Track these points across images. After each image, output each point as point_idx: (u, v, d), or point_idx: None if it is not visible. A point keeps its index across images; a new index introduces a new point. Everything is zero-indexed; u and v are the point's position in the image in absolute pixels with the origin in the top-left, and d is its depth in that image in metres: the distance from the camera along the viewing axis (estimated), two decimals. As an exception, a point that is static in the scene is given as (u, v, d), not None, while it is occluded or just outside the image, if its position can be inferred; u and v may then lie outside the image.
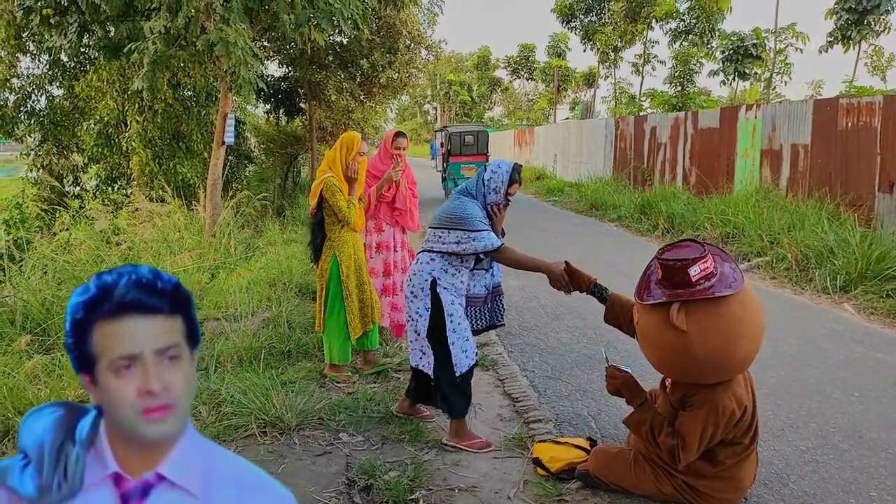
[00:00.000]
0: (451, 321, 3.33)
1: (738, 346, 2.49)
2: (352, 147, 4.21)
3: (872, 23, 23.43)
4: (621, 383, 2.89)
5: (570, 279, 3.19)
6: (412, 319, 3.41)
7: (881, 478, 3.09)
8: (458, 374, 3.31)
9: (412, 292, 3.40)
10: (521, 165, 3.57)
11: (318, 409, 3.73)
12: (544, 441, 3.32)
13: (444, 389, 3.33)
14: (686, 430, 2.61)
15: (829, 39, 24.70)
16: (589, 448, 3.12)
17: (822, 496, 2.94)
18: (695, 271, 2.48)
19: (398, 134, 4.83)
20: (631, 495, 2.88)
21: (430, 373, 3.36)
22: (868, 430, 3.58)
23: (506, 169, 3.42)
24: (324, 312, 4.34)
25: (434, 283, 3.35)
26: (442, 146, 17.66)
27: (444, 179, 16.63)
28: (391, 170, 4.68)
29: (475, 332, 3.56)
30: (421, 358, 3.40)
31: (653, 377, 3.23)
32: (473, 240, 3.25)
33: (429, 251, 3.40)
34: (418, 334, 3.38)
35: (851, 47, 24.25)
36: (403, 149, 4.79)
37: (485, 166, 3.56)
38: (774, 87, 27.17)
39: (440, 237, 3.33)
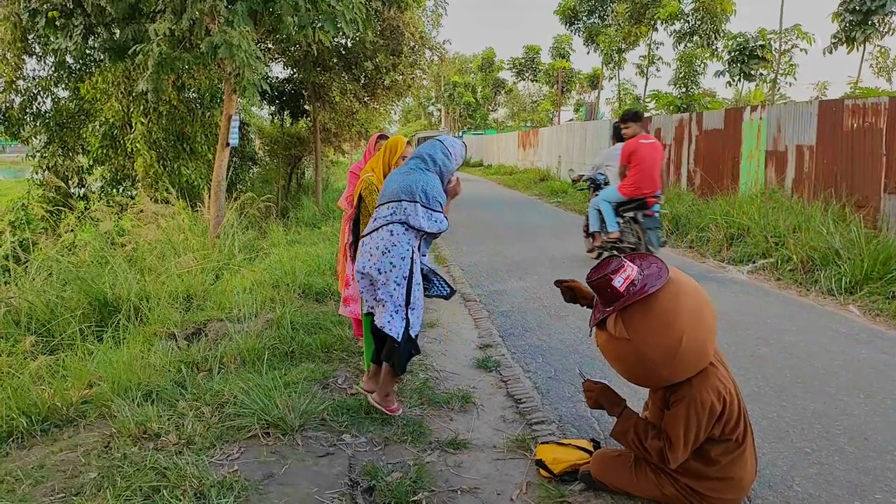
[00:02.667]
0: (417, 289, 3.55)
1: (681, 335, 2.49)
2: (395, 150, 4.22)
3: (877, 24, 23.33)
4: (598, 394, 2.91)
5: (572, 294, 3.15)
6: (386, 287, 3.49)
7: (886, 480, 3.07)
8: (413, 334, 3.55)
9: (392, 262, 3.47)
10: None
11: (321, 411, 3.73)
12: (547, 442, 3.31)
13: (400, 349, 3.51)
14: (670, 430, 2.62)
15: (834, 41, 24.60)
16: (592, 449, 3.12)
17: (827, 498, 2.92)
18: (618, 282, 2.57)
19: (381, 137, 4.84)
20: (634, 498, 2.87)
21: (398, 335, 3.48)
22: (873, 431, 3.56)
23: (461, 144, 3.79)
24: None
25: (412, 254, 3.50)
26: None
27: None
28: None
29: (446, 298, 3.90)
30: (390, 321, 3.49)
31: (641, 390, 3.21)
32: (440, 221, 3.53)
33: (401, 223, 3.48)
34: (392, 299, 3.48)
35: (856, 48, 24.16)
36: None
37: (440, 141, 3.77)
38: (779, 89, 27.06)
39: (410, 211, 3.47)
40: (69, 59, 12.43)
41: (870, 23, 23.13)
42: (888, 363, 4.66)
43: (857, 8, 22.92)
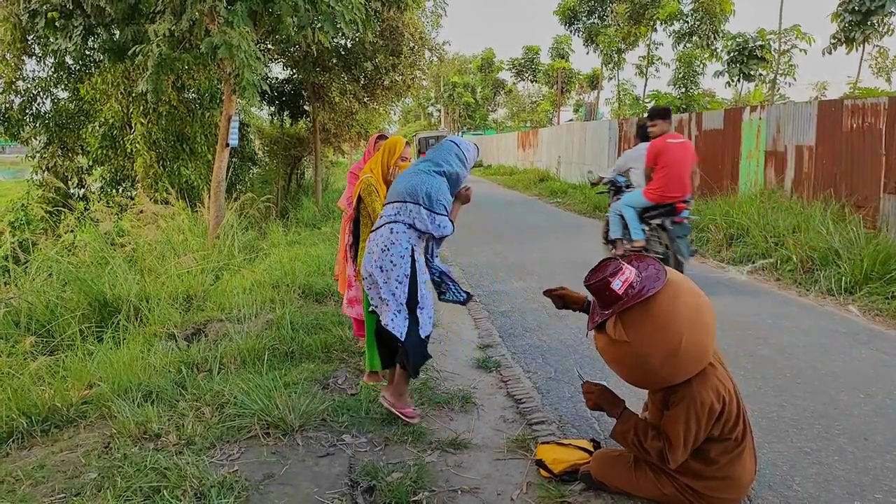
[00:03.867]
0: (422, 288, 3.52)
1: (681, 336, 2.49)
2: (394, 151, 4.18)
3: (876, 24, 23.36)
4: (598, 395, 2.92)
5: (563, 301, 3.17)
6: (388, 286, 3.47)
7: (886, 480, 3.07)
8: (423, 336, 3.50)
9: (392, 261, 3.45)
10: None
11: (321, 411, 3.73)
12: (547, 443, 3.31)
13: (412, 350, 3.46)
14: (669, 430, 2.63)
15: (833, 41, 24.64)
16: (592, 450, 3.12)
17: (827, 498, 2.92)
18: (617, 284, 2.56)
19: (380, 137, 4.81)
20: (633, 498, 2.88)
21: (402, 335, 3.44)
22: (873, 431, 3.57)
23: (474, 147, 3.81)
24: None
25: (412, 252, 3.49)
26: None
27: None
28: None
29: (462, 303, 3.96)
30: (393, 319, 3.45)
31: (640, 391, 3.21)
32: (441, 224, 3.51)
33: (404, 223, 3.48)
34: (395, 298, 3.46)
35: (854, 49, 24.19)
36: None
37: (456, 143, 3.75)
38: (779, 89, 27.07)
39: (413, 213, 3.48)
40: (69, 60, 12.44)
41: (869, 23, 23.15)
42: (888, 363, 4.67)
43: (857, 8, 22.95)
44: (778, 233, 8.20)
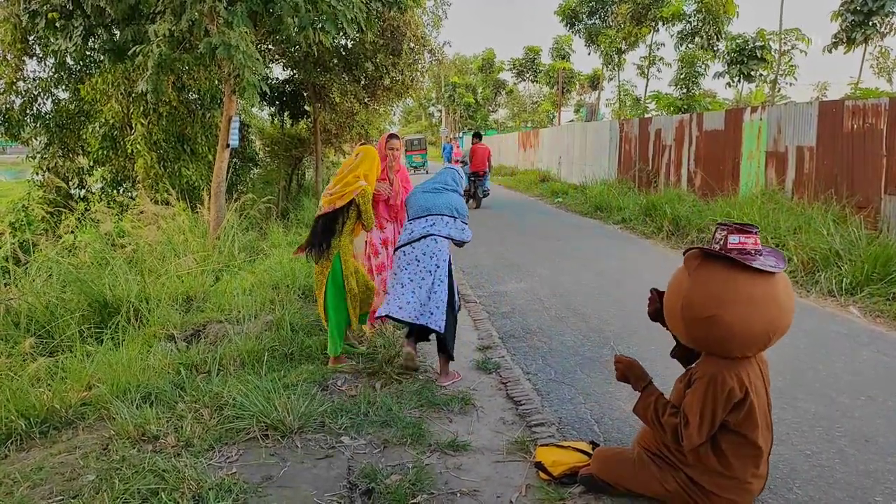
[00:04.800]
0: (455, 287, 4.38)
1: (723, 307, 2.49)
2: (375, 156, 4.84)
3: (878, 24, 23.33)
4: (626, 367, 2.94)
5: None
6: (432, 287, 4.21)
7: (888, 482, 3.06)
8: (455, 311, 4.40)
9: (436, 264, 4.23)
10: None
11: (320, 413, 3.72)
12: (547, 445, 3.30)
13: (448, 341, 4.29)
14: (687, 406, 2.62)
15: (834, 41, 24.63)
16: (591, 452, 3.10)
17: (828, 501, 2.91)
18: (734, 240, 2.55)
19: (392, 136, 5.35)
20: (634, 499, 2.86)
21: (440, 328, 4.17)
22: (874, 433, 3.55)
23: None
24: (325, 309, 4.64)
25: (449, 258, 4.31)
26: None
27: (410, 166, 30.44)
28: (384, 185, 5.19)
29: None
30: (430, 316, 4.18)
31: (669, 381, 3.20)
32: (464, 230, 4.41)
33: (439, 234, 4.28)
34: (437, 297, 4.20)
35: (853, 49, 24.19)
36: (397, 149, 5.34)
37: (454, 170, 4.63)
38: (780, 89, 27.05)
39: (450, 224, 4.33)
40: (69, 61, 12.43)
41: (870, 23, 23.13)
42: (889, 365, 4.65)
43: (859, 8, 22.92)
44: (779, 234, 8.18)
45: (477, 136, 16.69)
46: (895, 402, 3.97)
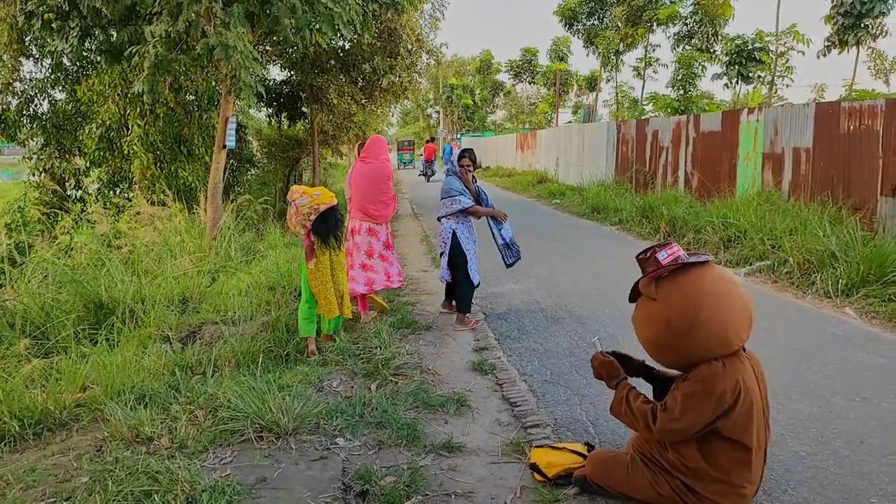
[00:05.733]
0: (469, 253, 5.77)
1: (701, 310, 2.55)
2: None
3: (869, 26, 23.40)
4: (599, 365, 2.95)
5: (612, 365, 3.05)
6: (443, 255, 5.89)
7: (882, 484, 3.06)
8: (475, 283, 5.84)
9: (443, 241, 5.84)
10: (471, 149, 6.06)
11: (315, 414, 3.72)
12: (542, 446, 3.29)
13: (460, 293, 5.80)
14: (671, 399, 2.65)
15: (827, 44, 24.72)
16: (586, 453, 3.10)
17: (822, 503, 2.91)
18: (663, 255, 2.70)
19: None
20: (628, 501, 2.86)
21: (448, 279, 5.87)
22: (869, 435, 3.55)
23: (454, 152, 6.22)
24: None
25: (454, 233, 5.73)
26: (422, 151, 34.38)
27: (400, 162, 41.36)
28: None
29: (509, 265, 6.20)
30: (443, 275, 5.90)
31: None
32: (453, 203, 5.72)
33: (444, 217, 5.78)
34: (442, 259, 5.87)
35: (847, 51, 24.27)
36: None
37: (449, 153, 6.02)
38: (777, 91, 27.08)
39: (442, 203, 5.80)
40: (66, 62, 12.42)
41: (862, 25, 23.19)
42: (884, 366, 4.65)
43: (849, 11, 22.99)
44: (775, 235, 8.19)
45: (431, 140, 29.70)
46: (890, 404, 3.97)
